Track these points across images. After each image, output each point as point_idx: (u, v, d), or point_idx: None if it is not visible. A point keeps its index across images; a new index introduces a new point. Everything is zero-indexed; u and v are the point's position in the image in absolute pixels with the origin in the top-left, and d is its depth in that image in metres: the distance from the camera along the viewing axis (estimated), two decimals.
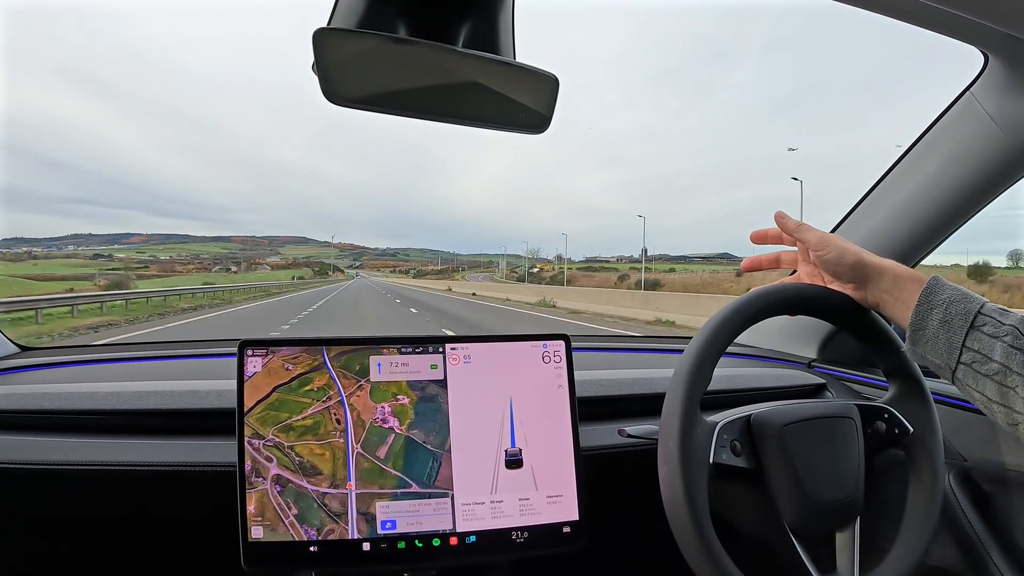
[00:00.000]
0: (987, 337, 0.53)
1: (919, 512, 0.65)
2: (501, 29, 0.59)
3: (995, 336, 0.52)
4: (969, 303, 0.55)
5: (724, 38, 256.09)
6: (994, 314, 0.54)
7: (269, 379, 0.67)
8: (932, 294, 0.56)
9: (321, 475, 0.65)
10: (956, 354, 0.54)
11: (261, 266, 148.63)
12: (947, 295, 0.56)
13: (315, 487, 0.65)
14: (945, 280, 0.57)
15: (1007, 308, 0.55)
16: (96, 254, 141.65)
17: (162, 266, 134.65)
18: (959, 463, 0.79)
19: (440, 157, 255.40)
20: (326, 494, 0.65)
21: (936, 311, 0.55)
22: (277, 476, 0.65)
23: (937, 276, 0.58)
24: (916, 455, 0.66)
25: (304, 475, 0.65)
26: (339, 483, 0.66)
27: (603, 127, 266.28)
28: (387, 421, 0.68)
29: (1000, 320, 0.53)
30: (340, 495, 0.65)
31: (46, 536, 0.81)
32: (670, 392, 0.58)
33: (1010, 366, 0.51)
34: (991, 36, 0.63)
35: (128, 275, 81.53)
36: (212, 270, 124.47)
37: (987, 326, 0.53)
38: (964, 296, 0.56)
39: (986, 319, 0.53)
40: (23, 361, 0.94)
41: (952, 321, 0.54)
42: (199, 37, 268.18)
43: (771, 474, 0.61)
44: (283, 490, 0.64)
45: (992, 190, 0.81)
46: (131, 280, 62.41)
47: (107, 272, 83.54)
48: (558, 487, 0.70)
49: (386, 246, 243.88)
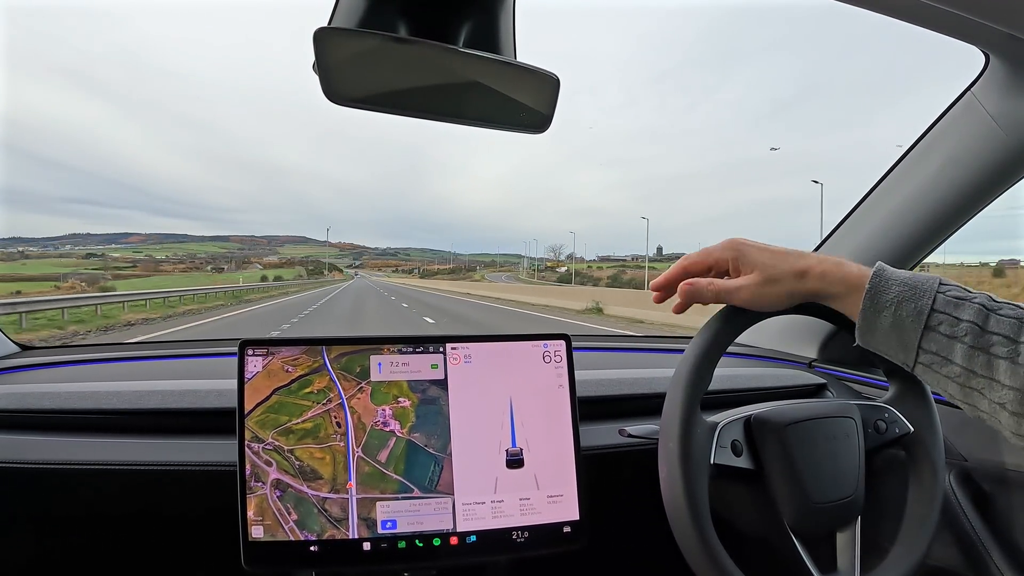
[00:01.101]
0: (944, 338, 0.48)
1: (919, 512, 0.64)
2: (502, 29, 0.59)
3: (952, 336, 0.48)
4: (920, 299, 0.49)
5: (725, 38, 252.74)
6: (949, 309, 0.48)
7: (269, 381, 0.66)
8: (877, 295, 0.51)
9: (321, 479, 0.65)
10: (913, 355, 0.50)
11: (252, 265, 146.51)
12: (894, 294, 0.50)
13: (315, 492, 0.65)
14: (891, 272, 0.52)
15: (963, 292, 0.49)
16: (89, 253, 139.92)
17: (146, 266, 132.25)
18: (959, 463, 0.79)
19: (440, 157, 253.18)
20: (326, 499, 0.65)
21: (884, 314, 0.50)
22: (277, 480, 0.64)
23: (881, 269, 0.52)
24: (916, 455, 0.66)
25: (304, 479, 0.65)
26: (339, 488, 0.65)
27: (605, 127, 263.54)
28: (388, 424, 0.68)
29: (956, 317, 0.48)
30: (341, 500, 0.65)
31: (46, 536, 0.81)
32: (670, 392, 0.58)
33: (973, 369, 0.47)
34: (992, 36, 0.63)
35: (103, 275, 78.46)
36: (205, 269, 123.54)
37: (943, 325, 0.48)
38: (913, 291, 0.50)
39: (941, 317, 0.48)
40: (23, 360, 0.94)
41: (903, 324, 0.49)
42: (199, 37, 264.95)
43: (772, 474, 0.61)
44: (283, 495, 0.64)
45: (993, 190, 0.81)
46: (104, 281, 59.68)
47: (82, 272, 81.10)
48: (558, 487, 0.70)
49: (386, 246, 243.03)
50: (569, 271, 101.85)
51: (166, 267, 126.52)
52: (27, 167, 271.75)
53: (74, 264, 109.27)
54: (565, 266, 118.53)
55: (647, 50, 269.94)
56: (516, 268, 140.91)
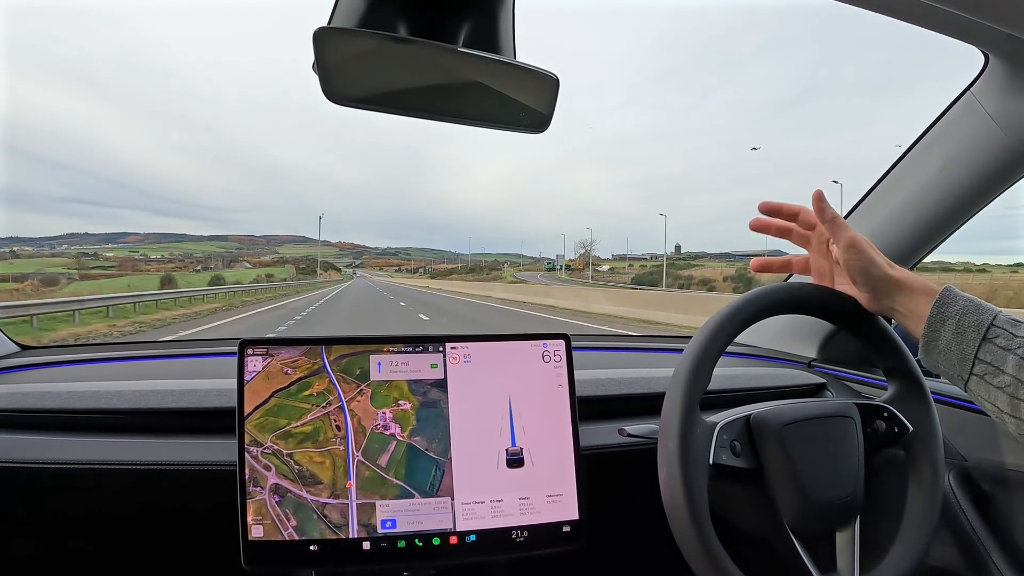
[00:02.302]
0: (999, 349, 0.53)
1: (919, 511, 0.65)
2: (501, 28, 0.59)
3: (1007, 348, 0.52)
4: (982, 314, 0.54)
5: (726, 38, 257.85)
6: (1007, 326, 0.53)
7: (268, 383, 0.66)
8: (944, 306, 0.56)
9: (321, 484, 0.64)
10: (968, 365, 0.54)
11: (242, 264, 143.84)
12: (959, 306, 0.55)
13: (314, 497, 0.64)
14: (958, 291, 0.57)
15: (1021, 319, 0.54)
16: (82, 253, 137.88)
17: (128, 265, 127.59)
18: (959, 463, 0.79)
19: (441, 156, 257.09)
20: (326, 504, 0.64)
21: (949, 323, 0.55)
22: (275, 485, 0.64)
23: (950, 287, 0.57)
24: (916, 454, 0.66)
25: (303, 484, 0.64)
26: (339, 493, 0.65)
27: (606, 127, 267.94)
28: (388, 427, 0.67)
29: (1013, 332, 0.53)
30: (340, 505, 0.64)
31: (46, 535, 0.81)
32: (670, 392, 0.58)
33: (1021, 379, 0.51)
34: (991, 36, 0.63)
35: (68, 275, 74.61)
36: (195, 268, 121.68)
37: (999, 338, 0.53)
38: (977, 307, 0.55)
39: (999, 331, 0.53)
40: (23, 360, 0.94)
41: (964, 333, 0.54)
42: (198, 37, 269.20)
43: (771, 474, 0.61)
44: (282, 500, 0.63)
45: (992, 190, 0.81)
46: (68, 282, 54.26)
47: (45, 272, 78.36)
48: (558, 486, 0.70)
49: (386, 245, 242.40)
50: (646, 269, 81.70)
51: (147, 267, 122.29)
52: (26, 167, 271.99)
53: (65, 264, 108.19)
54: (631, 263, 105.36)
55: (648, 50, 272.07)
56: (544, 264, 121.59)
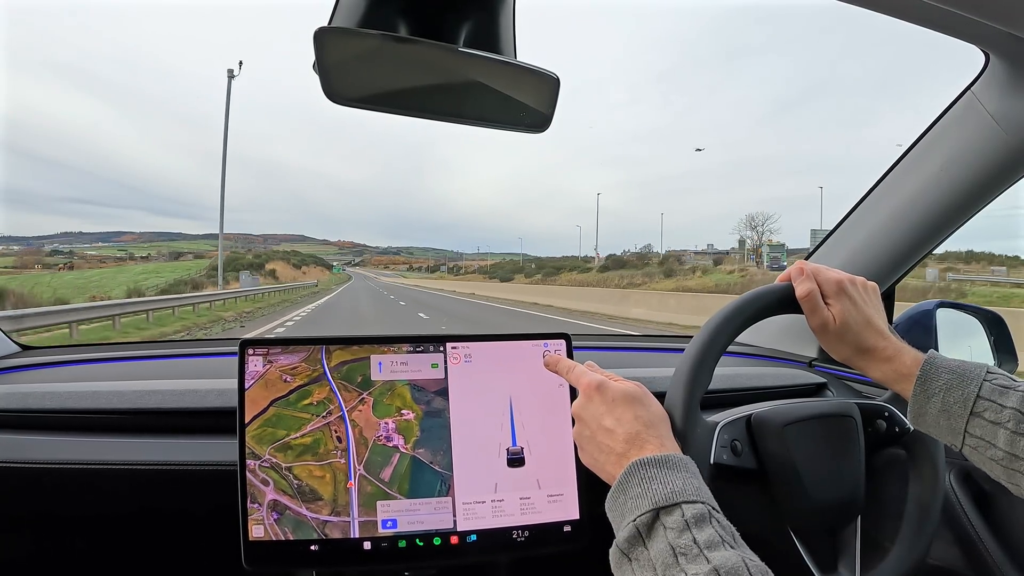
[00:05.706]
0: (988, 424, 0.52)
1: (920, 511, 0.65)
2: (502, 28, 0.59)
3: (997, 423, 0.51)
4: (967, 386, 0.53)
5: (726, 38, 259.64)
6: (994, 396, 0.52)
7: (266, 392, 0.64)
8: (928, 382, 0.54)
9: (321, 500, 0.63)
10: (960, 438, 0.53)
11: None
12: (943, 381, 0.54)
13: (314, 514, 0.62)
14: (941, 360, 0.55)
15: (1009, 381, 0.53)
16: (54, 250, 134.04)
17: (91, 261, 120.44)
18: (959, 463, 0.79)
19: (442, 156, 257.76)
20: (326, 523, 0.62)
21: (934, 400, 0.54)
22: (274, 502, 0.62)
23: (932, 357, 0.55)
24: (916, 454, 0.66)
25: (303, 500, 0.62)
26: (340, 510, 0.63)
27: (607, 127, 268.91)
28: (392, 439, 0.65)
29: (1001, 404, 0.51)
30: (342, 524, 0.63)
31: (47, 535, 0.82)
32: (670, 391, 0.58)
33: (1016, 453, 0.50)
34: (992, 35, 0.63)
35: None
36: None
37: (988, 412, 0.52)
38: (961, 379, 0.53)
39: (986, 404, 0.52)
40: (24, 360, 0.94)
41: (951, 409, 0.53)
42: (198, 36, 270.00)
43: (772, 473, 0.61)
44: (280, 517, 0.62)
45: (993, 189, 0.81)
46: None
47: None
48: (559, 486, 0.70)
49: (387, 244, 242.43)
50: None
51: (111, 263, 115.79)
52: (25, 167, 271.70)
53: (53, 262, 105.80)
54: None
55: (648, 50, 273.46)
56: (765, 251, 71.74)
